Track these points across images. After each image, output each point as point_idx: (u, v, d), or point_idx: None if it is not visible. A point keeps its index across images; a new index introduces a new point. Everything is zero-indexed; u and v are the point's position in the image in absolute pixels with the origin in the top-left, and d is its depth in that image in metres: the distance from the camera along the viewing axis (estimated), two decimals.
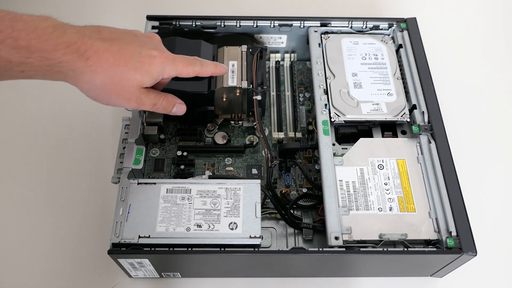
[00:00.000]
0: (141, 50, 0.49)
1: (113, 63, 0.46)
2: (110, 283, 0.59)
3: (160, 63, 0.50)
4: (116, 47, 0.47)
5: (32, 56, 0.41)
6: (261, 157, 0.65)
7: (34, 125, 0.72)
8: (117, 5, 0.88)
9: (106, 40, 0.46)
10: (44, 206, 0.65)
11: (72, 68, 0.44)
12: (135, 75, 0.48)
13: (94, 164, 0.68)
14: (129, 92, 0.48)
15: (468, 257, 0.51)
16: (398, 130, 0.62)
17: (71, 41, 0.43)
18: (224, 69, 0.58)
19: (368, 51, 0.67)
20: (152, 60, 0.49)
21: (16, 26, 0.40)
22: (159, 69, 0.50)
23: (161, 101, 0.53)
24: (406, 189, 0.55)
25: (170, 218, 0.52)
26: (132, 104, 0.50)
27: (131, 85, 0.48)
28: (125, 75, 0.47)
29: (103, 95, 0.48)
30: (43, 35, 0.41)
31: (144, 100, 0.50)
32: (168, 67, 0.51)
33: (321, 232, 0.57)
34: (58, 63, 0.43)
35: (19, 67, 0.41)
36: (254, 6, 0.88)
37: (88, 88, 0.46)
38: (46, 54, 0.42)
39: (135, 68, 0.48)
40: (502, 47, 0.85)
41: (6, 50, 0.39)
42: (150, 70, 0.49)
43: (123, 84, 0.47)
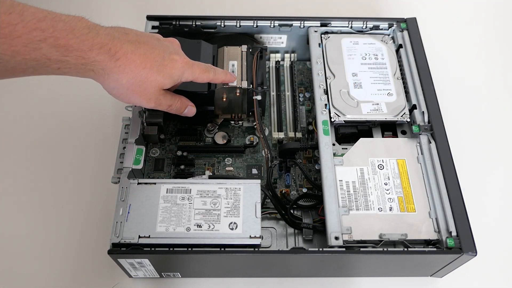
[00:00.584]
0: (164, 54, 0.52)
1: (140, 65, 0.49)
2: (110, 283, 0.59)
3: (180, 67, 0.53)
4: (143, 50, 0.50)
5: (70, 54, 0.44)
6: (261, 157, 0.65)
7: (34, 125, 0.72)
8: (117, 5, 0.88)
9: (133, 43, 0.50)
10: (44, 206, 0.65)
11: (103, 67, 0.47)
12: (158, 77, 0.51)
13: (94, 164, 0.68)
14: (150, 92, 0.52)
15: (468, 257, 0.51)
16: (398, 130, 0.62)
17: (103, 42, 0.46)
18: (233, 78, 0.61)
19: (368, 51, 0.67)
20: (174, 64, 0.52)
21: (57, 26, 0.43)
22: (179, 73, 0.53)
23: (176, 102, 0.56)
24: (406, 189, 0.55)
25: (170, 218, 0.52)
26: (150, 104, 0.53)
27: (153, 86, 0.51)
28: (149, 76, 0.50)
29: (126, 93, 0.51)
30: (81, 36, 0.44)
31: (162, 101, 0.54)
32: (187, 72, 0.54)
33: (321, 232, 0.57)
34: (91, 62, 0.46)
35: (57, 64, 0.44)
36: (254, 6, 0.88)
37: (114, 86, 0.50)
38: (82, 53, 0.45)
39: (158, 71, 0.51)
40: (502, 47, 0.85)
41: (47, 48, 0.42)
42: (172, 74, 0.52)
43: (146, 85, 0.51)
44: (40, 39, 0.42)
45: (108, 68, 0.47)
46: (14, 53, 0.41)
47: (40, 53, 0.42)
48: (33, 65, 0.43)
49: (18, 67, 0.42)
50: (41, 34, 0.42)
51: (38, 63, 0.43)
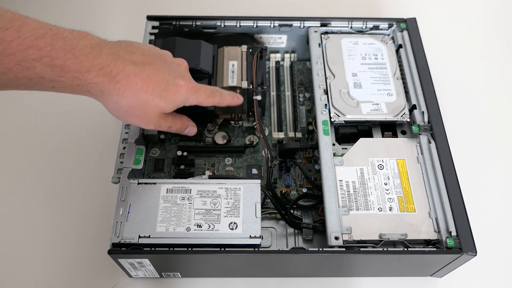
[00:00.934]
0: (169, 78, 0.50)
1: (141, 89, 0.48)
2: (110, 283, 0.59)
3: (184, 93, 0.52)
4: (146, 73, 0.48)
5: (65, 75, 0.42)
6: (261, 157, 0.65)
7: (34, 125, 0.73)
8: (117, 5, 0.88)
9: (138, 64, 0.48)
10: (44, 206, 0.65)
11: (101, 89, 0.45)
12: (159, 102, 0.50)
13: (94, 164, 0.68)
14: (150, 116, 0.51)
15: (468, 257, 0.51)
16: (398, 130, 0.62)
17: (104, 63, 0.44)
18: (240, 100, 0.61)
19: (368, 51, 0.67)
20: (178, 89, 0.51)
21: (55, 45, 0.41)
22: (183, 99, 0.52)
23: (177, 123, 0.56)
24: (406, 189, 0.55)
25: (170, 218, 0.52)
26: (149, 126, 0.52)
27: (153, 111, 0.50)
28: (150, 101, 0.49)
29: (124, 115, 0.50)
30: (80, 56, 0.43)
31: (162, 124, 0.53)
32: (191, 98, 0.53)
33: (321, 232, 0.57)
34: (88, 84, 0.44)
35: (51, 83, 0.43)
36: (254, 6, 0.88)
37: (113, 108, 0.49)
38: (79, 74, 0.43)
39: (161, 96, 0.49)
40: (502, 46, 0.85)
41: (42, 68, 0.41)
42: (174, 99, 0.51)
43: (146, 109, 0.49)
44: (35, 58, 0.40)
45: (106, 90, 0.46)
46: (6, 70, 0.39)
47: (34, 72, 0.40)
48: (25, 83, 0.41)
49: (9, 83, 0.41)
50: (37, 52, 0.40)
51: (31, 82, 0.41)
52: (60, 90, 0.44)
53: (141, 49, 0.50)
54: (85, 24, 0.83)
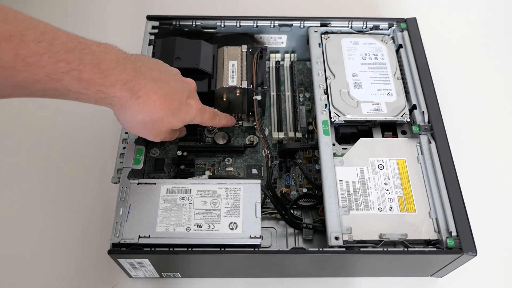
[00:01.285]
0: (183, 98, 0.53)
1: (158, 106, 0.50)
2: (110, 283, 0.59)
3: (193, 114, 0.55)
4: (164, 92, 0.50)
5: (91, 88, 0.43)
6: (261, 157, 0.65)
7: (34, 125, 0.72)
8: (117, 5, 0.88)
9: (157, 81, 0.49)
10: (44, 206, 0.65)
11: (123, 103, 0.47)
12: (172, 120, 0.52)
13: (94, 164, 0.68)
14: (160, 131, 0.53)
15: (468, 257, 0.51)
16: (398, 130, 0.62)
17: (128, 79, 0.46)
18: (234, 122, 0.65)
19: (368, 51, 0.67)
20: (189, 109, 0.54)
21: (84, 59, 0.42)
22: (191, 118, 0.55)
23: (176, 134, 0.59)
24: (406, 189, 0.55)
25: (170, 218, 0.52)
26: (156, 139, 0.55)
27: (165, 127, 0.53)
28: (164, 118, 0.51)
29: (137, 128, 0.52)
30: (106, 71, 0.44)
31: (167, 137, 0.56)
32: (197, 118, 0.56)
33: (321, 232, 0.57)
34: (111, 97, 0.46)
35: (75, 95, 0.44)
36: (254, 6, 0.88)
37: (128, 120, 0.50)
38: (103, 88, 0.44)
39: (174, 114, 0.52)
40: (502, 46, 0.85)
41: (69, 80, 0.41)
42: (184, 119, 0.54)
43: (159, 125, 0.52)
44: (64, 71, 0.40)
45: (127, 104, 0.47)
46: (35, 81, 0.40)
47: (61, 84, 0.41)
48: (51, 93, 0.42)
49: (36, 93, 0.42)
50: (66, 66, 0.40)
51: (57, 92, 0.42)
52: (83, 101, 0.45)
53: (158, 66, 0.52)
54: (85, 24, 0.83)
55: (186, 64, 0.61)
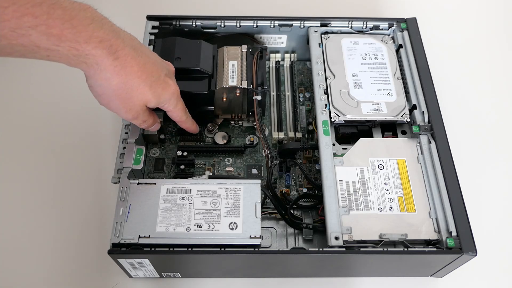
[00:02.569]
0: (161, 74, 0.51)
1: (136, 73, 0.48)
2: (110, 283, 0.59)
3: (171, 94, 0.53)
4: (143, 60, 0.48)
5: (62, 44, 0.41)
6: (261, 157, 0.65)
7: (34, 125, 0.72)
8: (117, 5, 0.88)
9: (137, 50, 0.48)
10: (44, 206, 0.65)
11: (98, 62, 0.45)
12: (147, 92, 0.50)
13: (94, 164, 0.68)
14: (133, 104, 0.50)
15: (468, 257, 0.51)
16: (398, 130, 0.62)
17: (105, 37, 0.44)
18: (197, 130, 0.64)
19: (368, 51, 0.67)
20: (166, 87, 0.52)
21: (53, 14, 0.40)
22: (167, 98, 0.53)
23: (150, 120, 0.55)
24: (406, 189, 0.55)
25: (170, 218, 0.52)
26: (128, 115, 0.51)
27: (139, 99, 0.50)
28: (140, 87, 0.49)
29: (109, 97, 0.49)
30: (79, 26, 0.42)
31: (140, 115, 0.52)
32: (172, 100, 0.54)
33: (321, 232, 0.57)
34: (85, 55, 0.43)
35: (46, 52, 0.42)
36: (254, 6, 0.88)
37: (101, 84, 0.47)
38: (76, 45, 0.42)
39: (150, 87, 0.50)
40: (502, 46, 0.85)
41: (37, 36, 0.40)
42: (160, 95, 0.51)
43: (133, 95, 0.49)
44: (31, 25, 0.39)
45: (103, 64, 0.45)
46: (0, 36, 0.38)
47: (29, 39, 0.39)
48: (19, 50, 0.40)
49: (3, 50, 0.40)
50: (33, 20, 0.39)
51: (26, 49, 0.40)
52: (55, 60, 0.43)
53: (138, 41, 0.51)
54: None
55: (186, 64, 0.61)
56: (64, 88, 0.76)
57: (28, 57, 0.42)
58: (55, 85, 0.76)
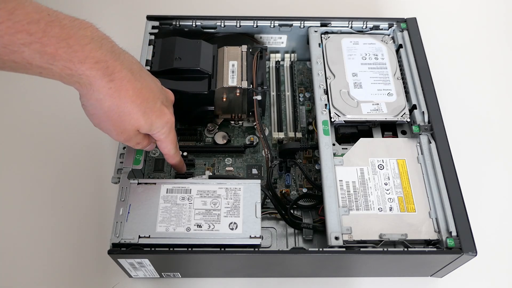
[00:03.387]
0: (157, 101, 0.49)
1: (130, 97, 0.46)
2: (110, 283, 0.59)
3: (164, 122, 0.50)
4: (140, 85, 0.47)
5: (56, 63, 0.40)
6: (261, 157, 0.65)
7: (34, 125, 0.72)
8: (117, 5, 0.88)
9: (135, 74, 0.46)
10: (44, 206, 0.65)
11: (91, 83, 0.43)
12: (140, 118, 0.48)
13: (94, 164, 0.68)
14: (125, 128, 0.48)
15: (468, 257, 0.51)
16: (398, 130, 0.62)
17: (102, 58, 0.43)
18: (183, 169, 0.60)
19: (368, 51, 0.67)
20: (161, 115, 0.50)
21: (49, 32, 0.39)
22: (159, 126, 0.50)
23: (144, 142, 0.53)
24: (406, 189, 0.55)
25: (170, 218, 0.52)
26: (120, 138, 0.50)
27: (131, 124, 0.48)
28: (133, 113, 0.47)
29: (100, 117, 0.47)
30: (75, 45, 0.40)
31: (132, 139, 0.51)
32: (165, 130, 0.51)
33: (321, 232, 0.57)
34: (79, 75, 0.42)
35: (38, 69, 0.41)
36: (254, 6, 0.88)
37: (92, 104, 0.46)
38: (70, 64, 0.41)
39: (144, 113, 0.48)
40: (503, 46, 0.85)
41: (30, 53, 0.38)
42: (154, 122, 0.49)
43: (125, 119, 0.47)
44: (24, 42, 0.38)
45: (96, 85, 0.43)
46: None
47: (21, 56, 0.38)
48: (10, 66, 0.39)
49: None
50: (27, 37, 0.37)
51: (17, 65, 0.39)
52: (48, 77, 0.42)
53: (140, 65, 0.49)
54: None
55: (186, 64, 0.62)
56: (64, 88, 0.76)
57: (19, 72, 0.41)
58: (55, 85, 0.76)
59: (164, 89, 0.53)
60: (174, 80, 0.60)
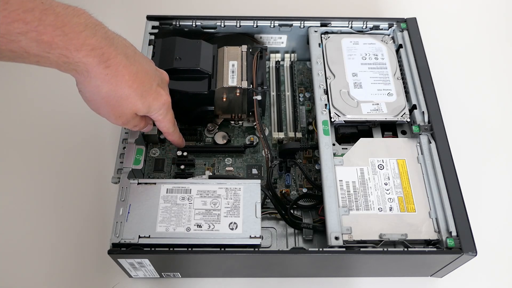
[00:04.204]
0: (153, 83, 0.50)
1: (127, 82, 0.47)
2: (110, 283, 0.59)
3: (161, 103, 0.52)
4: (135, 69, 0.48)
5: (52, 51, 0.41)
6: (261, 157, 0.65)
7: (34, 125, 0.72)
8: (117, 5, 0.88)
9: (129, 58, 0.47)
10: (44, 206, 0.65)
11: (88, 70, 0.44)
12: (137, 102, 0.49)
13: (94, 164, 0.68)
14: (123, 112, 0.49)
15: (468, 257, 0.51)
16: (398, 130, 0.62)
17: (97, 45, 0.43)
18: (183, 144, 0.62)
19: (368, 51, 0.67)
20: (158, 96, 0.51)
21: (44, 20, 0.39)
22: (157, 108, 0.52)
23: (141, 124, 0.54)
24: (406, 189, 0.55)
25: (170, 218, 0.52)
26: (118, 121, 0.51)
27: (129, 108, 0.49)
28: (130, 97, 0.48)
29: (98, 103, 0.48)
30: (71, 33, 0.41)
31: (130, 122, 0.52)
32: (162, 110, 0.53)
33: (321, 232, 0.57)
34: (76, 62, 0.43)
35: (36, 58, 0.41)
36: (254, 6, 0.88)
37: (90, 91, 0.46)
38: (67, 52, 0.41)
39: (141, 96, 0.49)
40: (503, 45, 0.85)
41: (27, 42, 0.39)
42: (151, 104, 0.51)
43: (122, 103, 0.48)
44: (21, 31, 0.38)
45: (93, 72, 0.44)
46: None
47: (18, 45, 0.39)
48: (8, 55, 0.39)
49: None
50: (23, 26, 0.38)
51: (15, 55, 0.40)
52: (45, 65, 0.42)
53: (133, 47, 0.50)
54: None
55: (186, 64, 0.62)
56: (64, 88, 0.76)
57: (17, 61, 0.41)
58: (55, 85, 0.76)
59: (158, 70, 0.54)
60: (174, 80, 0.60)
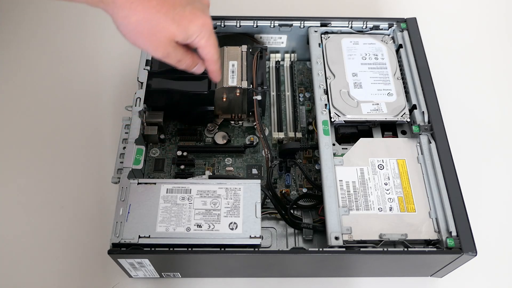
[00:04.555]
0: (187, 6, 0.48)
1: (154, 7, 0.46)
2: (110, 283, 0.59)
3: (200, 25, 0.49)
4: None
5: None
6: (261, 157, 0.65)
7: (34, 125, 0.72)
8: None
9: None
10: (44, 206, 0.65)
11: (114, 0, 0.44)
12: (170, 26, 0.47)
13: (94, 164, 0.68)
14: (159, 40, 0.47)
15: (468, 257, 0.51)
16: (398, 130, 0.62)
17: None
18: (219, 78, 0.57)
19: (368, 51, 0.67)
20: (194, 18, 0.48)
21: None
22: (195, 30, 0.49)
23: (187, 59, 0.51)
24: (406, 189, 0.55)
25: (170, 218, 0.52)
26: (157, 53, 0.49)
27: (163, 35, 0.47)
28: (161, 22, 0.46)
29: (133, 33, 0.47)
30: None
31: (171, 54, 0.49)
32: (203, 33, 0.49)
33: (321, 232, 0.57)
34: None
35: None
36: (254, 6, 0.88)
37: (122, 23, 0.46)
38: None
39: (174, 20, 0.47)
40: (503, 45, 0.85)
41: None
42: (188, 27, 0.48)
43: (155, 31, 0.47)
44: None
45: (118, 2, 0.44)
46: None
47: None
48: None
49: None
50: None
51: None
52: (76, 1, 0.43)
53: None
54: (85, 23, 0.83)
55: None
56: (64, 88, 0.76)
57: None
58: (55, 84, 0.76)
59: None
60: (174, 80, 0.60)
